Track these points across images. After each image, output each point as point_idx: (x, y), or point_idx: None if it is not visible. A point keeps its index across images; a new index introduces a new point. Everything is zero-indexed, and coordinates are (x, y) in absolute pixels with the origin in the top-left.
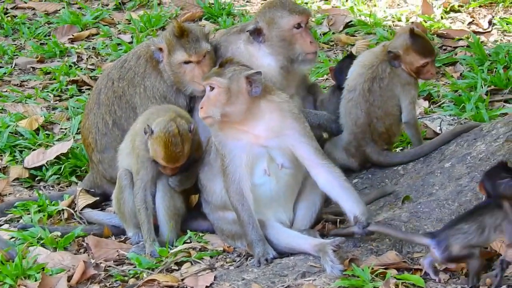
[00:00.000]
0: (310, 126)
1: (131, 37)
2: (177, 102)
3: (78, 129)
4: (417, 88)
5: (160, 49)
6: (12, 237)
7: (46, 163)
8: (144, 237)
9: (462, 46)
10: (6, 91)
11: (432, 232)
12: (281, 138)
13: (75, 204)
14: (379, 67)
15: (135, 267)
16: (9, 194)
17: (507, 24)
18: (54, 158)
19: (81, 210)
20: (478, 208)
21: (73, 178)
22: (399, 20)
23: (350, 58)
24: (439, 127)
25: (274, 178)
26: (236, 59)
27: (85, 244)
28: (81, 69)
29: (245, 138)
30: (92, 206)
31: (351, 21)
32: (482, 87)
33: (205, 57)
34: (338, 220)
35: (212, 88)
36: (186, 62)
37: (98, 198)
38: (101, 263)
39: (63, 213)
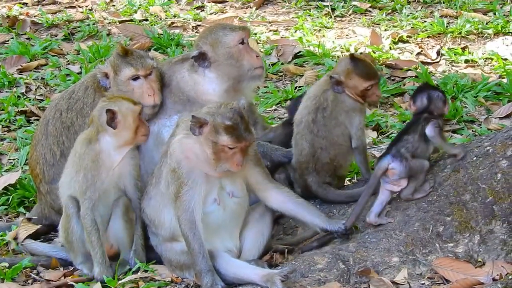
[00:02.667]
0: None
1: (80, 67)
2: None
3: (26, 160)
4: (363, 114)
5: (106, 75)
6: None
7: None
8: (96, 260)
9: (410, 77)
10: None
11: (383, 154)
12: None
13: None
14: (321, 96)
15: None
16: None
17: (455, 54)
18: (2, 189)
19: (23, 241)
20: (415, 121)
21: (21, 209)
22: (348, 51)
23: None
24: None
25: (221, 206)
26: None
27: (32, 275)
28: (30, 99)
29: (205, 169)
30: (36, 237)
31: (300, 51)
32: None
33: (152, 73)
34: (287, 250)
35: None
36: (134, 79)
37: (40, 226)
38: None
39: (11, 244)
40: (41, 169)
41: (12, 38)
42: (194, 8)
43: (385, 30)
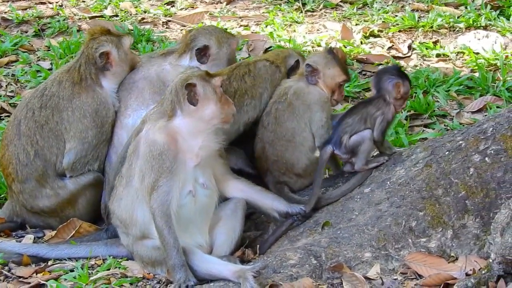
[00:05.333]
0: None
1: (51, 63)
2: (108, 114)
3: None
4: (326, 111)
5: (107, 54)
6: None
7: None
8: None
9: None
10: None
11: (326, 140)
12: (209, 157)
13: None
14: (282, 90)
15: None
16: None
17: (426, 48)
18: None
19: None
20: (364, 102)
21: None
22: (319, 46)
23: None
24: None
25: (193, 199)
26: None
27: (4, 272)
28: (0, 96)
29: (186, 156)
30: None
31: (270, 46)
32: (402, 112)
33: None
34: (258, 246)
35: None
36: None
37: None
38: None
39: None
40: (14, 169)
41: None
42: (165, 4)
43: (356, 24)
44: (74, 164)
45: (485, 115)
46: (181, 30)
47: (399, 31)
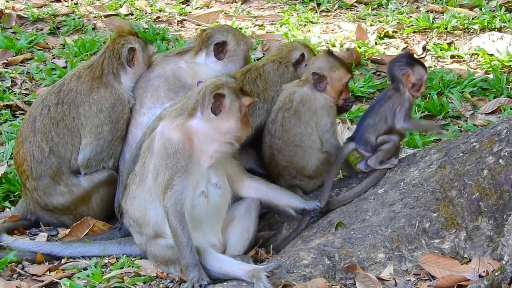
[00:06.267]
0: None
1: (66, 61)
2: (124, 110)
3: (11, 154)
4: (332, 115)
5: (134, 51)
6: None
7: None
8: None
9: None
10: None
11: (349, 137)
12: (223, 158)
13: None
14: (287, 97)
15: None
16: None
17: (440, 50)
18: None
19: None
20: (379, 100)
21: (7, 203)
22: (333, 46)
23: None
24: None
25: (206, 199)
26: None
27: (18, 270)
28: (15, 93)
29: (201, 157)
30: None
31: None
32: (416, 113)
33: None
34: (272, 246)
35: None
36: None
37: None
38: None
39: None
40: (29, 166)
41: None
42: (180, 3)
43: (371, 25)
44: (89, 161)
45: (499, 117)
46: (196, 29)
47: (414, 32)
